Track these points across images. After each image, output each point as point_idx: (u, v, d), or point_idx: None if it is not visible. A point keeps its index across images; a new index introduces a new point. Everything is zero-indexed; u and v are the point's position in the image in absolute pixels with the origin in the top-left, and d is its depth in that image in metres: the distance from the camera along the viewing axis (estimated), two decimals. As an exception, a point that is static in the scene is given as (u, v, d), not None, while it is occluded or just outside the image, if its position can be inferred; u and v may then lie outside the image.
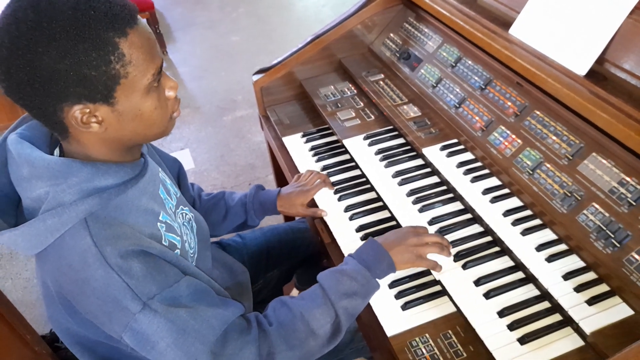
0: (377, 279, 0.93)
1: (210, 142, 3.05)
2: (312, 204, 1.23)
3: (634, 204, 0.87)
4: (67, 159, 0.73)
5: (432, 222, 1.08)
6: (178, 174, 1.14)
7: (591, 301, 0.85)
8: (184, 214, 0.94)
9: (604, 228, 0.89)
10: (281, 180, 1.82)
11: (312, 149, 1.41)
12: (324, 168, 1.33)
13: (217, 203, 1.22)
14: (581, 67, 1.00)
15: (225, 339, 0.78)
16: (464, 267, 0.98)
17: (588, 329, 0.82)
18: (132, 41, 0.69)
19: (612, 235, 0.88)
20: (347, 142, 1.33)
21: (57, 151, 0.80)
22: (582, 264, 0.92)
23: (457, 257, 1.01)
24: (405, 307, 0.97)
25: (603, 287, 0.88)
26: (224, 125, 3.20)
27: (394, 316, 0.96)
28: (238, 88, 3.54)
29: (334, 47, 1.56)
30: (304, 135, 1.47)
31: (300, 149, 1.43)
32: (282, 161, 1.46)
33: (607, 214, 0.90)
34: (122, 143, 0.78)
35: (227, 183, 2.69)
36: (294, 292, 1.75)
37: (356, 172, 1.31)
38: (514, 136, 1.10)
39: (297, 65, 1.56)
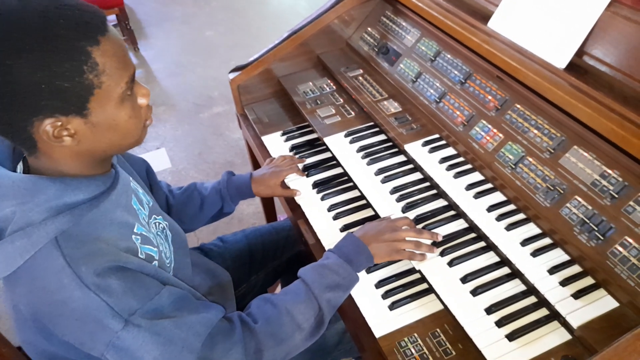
0: (356, 272, 0.95)
1: (187, 140, 3.00)
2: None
3: (616, 196, 0.87)
4: (33, 175, 0.70)
5: (417, 220, 1.07)
6: (147, 173, 1.11)
7: (577, 295, 0.86)
8: (157, 224, 0.91)
9: (588, 221, 0.89)
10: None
11: (292, 148, 1.39)
12: (305, 167, 1.31)
13: (191, 195, 1.20)
14: (561, 61, 1.00)
15: (211, 343, 0.77)
16: (450, 264, 0.98)
17: (575, 323, 0.82)
18: (105, 49, 0.66)
19: (596, 228, 0.88)
20: (328, 140, 1.31)
21: (20, 166, 0.76)
22: (566, 257, 0.93)
23: (443, 254, 1.00)
24: (392, 306, 0.96)
25: (588, 280, 0.88)
26: (200, 122, 3.14)
27: (381, 317, 0.95)
28: (214, 84, 3.49)
29: (311, 42, 1.54)
30: (283, 134, 1.45)
31: (280, 148, 1.40)
32: (262, 160, 1.43)
33: (590, 207, 0.90)
34: (96, 155, 0.75)
35: (206, 182, 2.65)
36: (279, 289, 1.73)
37: (338, 170, 1.29)
38: (495, 130, 1.10)
39: (275, 61, 1.52)
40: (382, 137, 1.31)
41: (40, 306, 0.71)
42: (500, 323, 0.87)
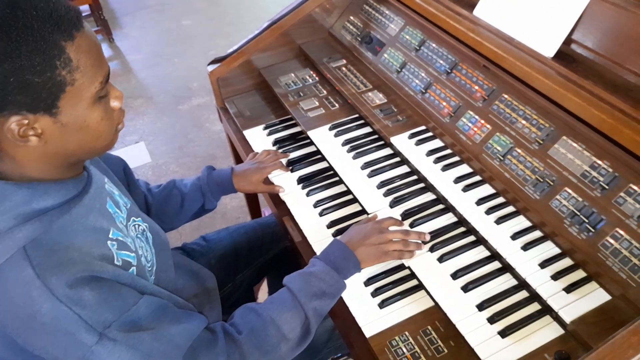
0: (344, 279, 0.92)
1: (167, 133, 2.93)
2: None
3: (606, 187, 0.86)
4: None
5: (405, 215, 1.05)
6: (124, 173, 1.07)
7: (569, 289, 0.84)
8: (136, 226, 0.87)
9: (578, 213, 0.88)
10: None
11: (275, 142, 1.35)
12: (290, 162, 1.28)
13: (171, 192, 1.16)
14: (549, 49, 0.98)
15: (193, 355, 0.75)
16: (440, 260, 0.96)
17: (568, 317, 0.81)
18: (79, 45, 0.63)
19: (587, 220, 0.87)
20: (312, 134, 1.27)
21: None
22: (557, 250, 0.91)
23: (433, 249, 0.98)
24: (382, 305, 0.94)
25: (580, 274, 0.87)
26: (180, 114, 3.07)
27: (371, 315, 0.93)
28: (194, 75, 3.41)
29: (292, 32, 1.49)
30: (266, 128, 1.41)
31: (262, 142, 1.36)
32: (244, 155, 1.39)
33: (580, 199, 0.89)
34: (65, 158, 0.70)
35: (187, 175, 2.57)
36: (264, 286, 1.70)
37: (324, 165, 1.26)
38: (482, 121, 1.07)
39: (255, 53, 1.48)
40: (367, 129, 1.28)
41: (8, 320, 0.67)
42: (492, 319, 0.86)
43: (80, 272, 0.65)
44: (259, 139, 1.38)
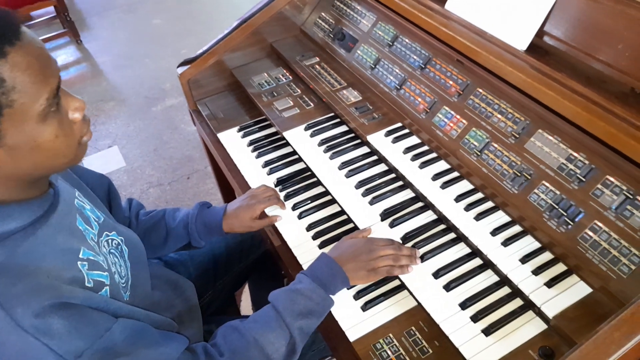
0: (331, 296, 0.89)
1: (141, 136, 2.86)
2: (263, 214, 1.13)
3: (583, 179, 0.86)
4: None
5: (384, 214, 1.03)
6: (108, 193, 1.01)
7: (550, 283, 0.84)
8: (109, 241, 0.83)
9: (556, 206, 0.88)
10: (220, 175, 1.72)
11: (250, 143, 1.32)
12: (266, 163, 1.25)
13: (157, 223, 1.09)
14: (521, 42, 0.97)
15: None
16: (422, 259, 0.95)
17: (550, 312, 0.81)
18: (15, 62, 0.57)
19: (565, 213, 0.86)
20: (287, 135, 1.24)
21: None
22: (537, 245, 0.91)
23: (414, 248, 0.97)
24: (365, 307, 0.92)
25: (560, 267, 0.87)
26: (154, 116, 3.01)
27: (355, 319, 0.91)
28: (166, 75, 3.34)
29: (263, 30, 1.46)
30: (240, 129, 1.37)
31: (237, 145, 1.33)
32: (220, 159, 1.36)
33: (558, 192, 0.89)
34: (21, 179, 0.66)
35: (164, 179, 2.54)
36: (246, 289, 1.67)
37: (301, 166, 1.24)
38: (458, 116, 1.06)
39: (226, 52, 1.44)
40: (343, 128, 1.26)
41: None
42: (475, 318, 0.85)
43: (48, 299, 0.61)
44: (234, 141, 1.34)
